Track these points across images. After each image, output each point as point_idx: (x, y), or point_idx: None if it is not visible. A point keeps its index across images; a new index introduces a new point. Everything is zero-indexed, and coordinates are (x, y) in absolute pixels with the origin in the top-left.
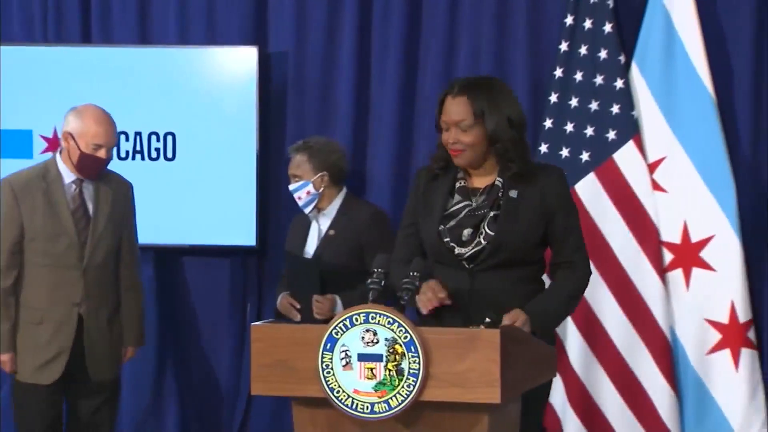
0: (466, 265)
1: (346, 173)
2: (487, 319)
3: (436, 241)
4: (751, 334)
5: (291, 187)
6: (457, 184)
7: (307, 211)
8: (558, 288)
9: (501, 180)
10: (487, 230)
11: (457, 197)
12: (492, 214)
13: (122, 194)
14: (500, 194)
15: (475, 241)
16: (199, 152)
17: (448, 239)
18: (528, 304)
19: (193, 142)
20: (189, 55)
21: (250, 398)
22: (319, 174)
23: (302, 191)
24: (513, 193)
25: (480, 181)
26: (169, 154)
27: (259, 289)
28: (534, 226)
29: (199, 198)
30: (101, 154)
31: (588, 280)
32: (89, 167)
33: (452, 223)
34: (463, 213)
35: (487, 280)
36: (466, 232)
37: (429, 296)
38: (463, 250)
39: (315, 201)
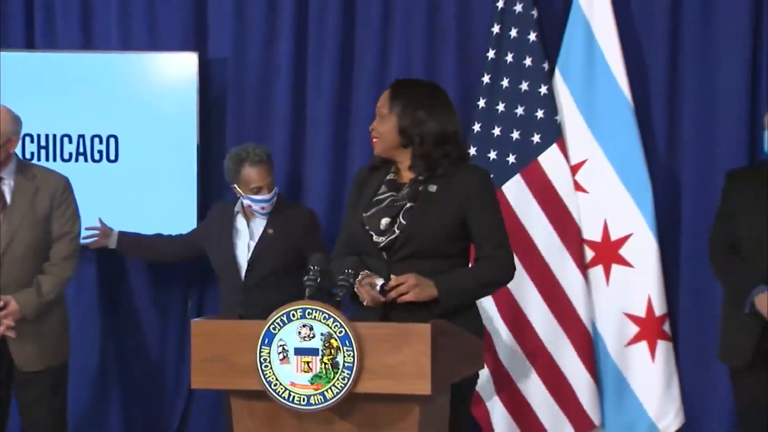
0: (385, 256)
1: None
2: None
3: (358, 228)
4: (667, 327)
5: (268, 195)
6: (388, 177)
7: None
8: (473, 270)
9: (423, 175)
10: (402, 220)
11: (384, 188)
12: (409, 205)
13: (50, 189)
14: (420, 188)
15: (391, 231)
16: (141, 154)
17: (368, 227)
18: (440, 275)
19: (135, 144)
20: (131, 60)
21: (191, 392)
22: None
23: (274, 198)
24: (432, 188)
25: (408, 176)
26: (112, 156)
27: (201, 285)
28: (447, 219)
29: (142, 198)
30: None
31: (508, 275)
32: None
33: (373, 210)
34: (385, 203)
35: (402, 270)
36: (384, 221)
37: (366, 293)
38: (380, 239)
39: None
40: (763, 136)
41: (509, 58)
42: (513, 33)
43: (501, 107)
